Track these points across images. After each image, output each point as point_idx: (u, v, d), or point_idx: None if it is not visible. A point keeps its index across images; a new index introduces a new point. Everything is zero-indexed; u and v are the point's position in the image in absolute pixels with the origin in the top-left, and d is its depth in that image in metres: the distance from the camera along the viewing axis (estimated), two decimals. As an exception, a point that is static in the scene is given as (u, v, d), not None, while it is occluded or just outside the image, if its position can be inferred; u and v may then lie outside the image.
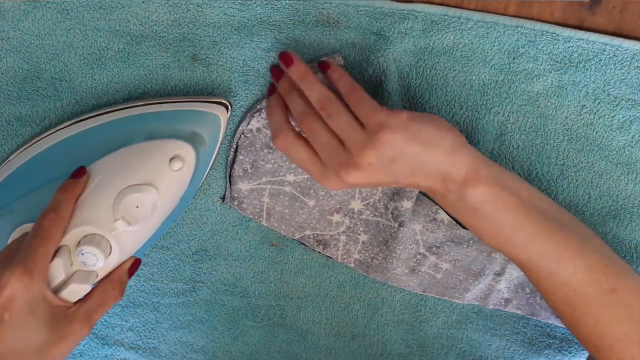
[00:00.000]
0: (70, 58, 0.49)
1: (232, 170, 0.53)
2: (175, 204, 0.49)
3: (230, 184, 0.54)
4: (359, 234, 0.55)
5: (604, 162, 0.50)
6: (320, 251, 0.56)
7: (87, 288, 0.44)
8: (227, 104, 0.49)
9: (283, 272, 0.58)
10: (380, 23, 0.47)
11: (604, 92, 0.48)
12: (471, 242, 0.54)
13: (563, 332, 0.58)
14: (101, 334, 0.60)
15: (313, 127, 0.45)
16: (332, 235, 0.55)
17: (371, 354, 0.60)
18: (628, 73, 0.47)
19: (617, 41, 0.46)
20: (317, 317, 0.59)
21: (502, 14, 0.47)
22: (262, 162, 0.53)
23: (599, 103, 0.48)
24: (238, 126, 0.51)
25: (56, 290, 0.43)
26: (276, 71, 0.48)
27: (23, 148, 0.51)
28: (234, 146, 0.52)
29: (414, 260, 0.55)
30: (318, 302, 0.59)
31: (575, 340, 0.58)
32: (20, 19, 0.48)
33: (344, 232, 0.55)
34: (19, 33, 0.48)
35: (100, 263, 0.44)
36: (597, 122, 0.49)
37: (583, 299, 0.46)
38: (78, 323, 0.43)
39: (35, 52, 0.49)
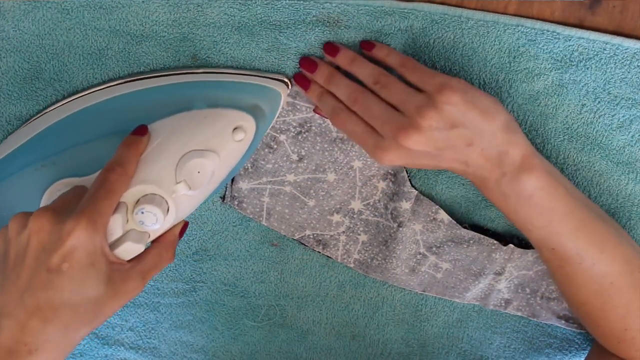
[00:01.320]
0: (71, 58, 0.49)
1: (233, 170, 0.53)
2: (228, 174, 0.48)
3: (230, 183, 0.53)
4: (359, 234, 0.55)
5: (604, 161, 0.50)
6: (320, 251, 0.56)
7: (140, 248, 0.43)
8: (288, 82, 0.49)
9: (283, 272, 0.58)
10: (380, 22, 0.47)
11: (604, 91, 0.48)
12: (471, 242, 0.54)
13: (564, 331, 0.58)
14: (101, 334, 0.60)
15: (366, 102, 0.45)
16: (332, 235, 0.55)
17: (371, 354, 0.60)
18: (628, 72, 0.47)
19: (617, 40, 0.46)
20: (317, 316, 0.59)
21: (502, 13, 0.47)
22: (262, 162, 0.52)
23: (599, 102, 0.48)
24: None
25: (111, 247, 0.42)
26: (308, 64, 0.48)
27: (75, 97, 0.50)
28: (235, 145, 0.52)
29: (414, 260, 0.55)
30: (318, 301, 0.59)
31: (576, 340, 0.58)
32: (20, 18, 0.48)
33: (343, 232, 0.55)
34: (19, 33, 0.48)
35: (158, 224, 0.44)
36: (597, 121, 0.49)
37: (617, 291, 0.46)
38: (134, 282, 0.42)
39: (36, 52, 0.49)
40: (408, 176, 0.52)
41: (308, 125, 0.51)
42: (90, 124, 0.48)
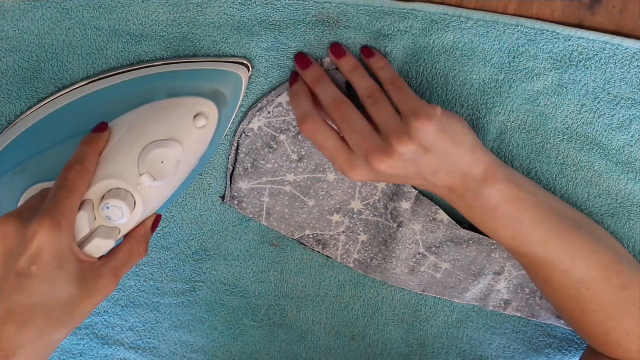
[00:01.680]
0: (70, 57, 0.49)
1: (233, 169, 0.53)
2: (196, 162, 0.48)
3: (230, 182, 0.53)
4: (359, 234, 0.55)
5: (603, 161, 0.50)
6: (320, 251, 0.56)
7: (111, 244, 0.43)
8: (248, 64, 0.49)
9: (283, 272, 0.58)
10: (380, 22, 0.47)
11: (604, 91, 0.48)
12: (471, 242, 0.54)
13: (563, 331, 0.58)
14: (101, 334, 0.60)
15: (347, 113, 0.45)
16: (331, 235, 0.55)
17: (371, 354, 0.60)
18: (628, 72, 0.47)
19: (617, 40, 0.46)
20: (317, 317, 0.59)
21: (502, 13, 0.47)
22: (262, 162, 0.52)
23: (599, 102, 0.48)
24: (239, 125, 0.51)
25: (80, 246, 0.42)
26: (302, 60, 0.48)
27: (38, 106, 0.50)
28: (235, 145, 0.52)
29: (414, 260, 0.55)
30: (318, 302, 0.59)
31: (576, 340, 0.58)
32: (20, 18, 0.48)
33: (343, 232, 0.55)
34: (19, 32, 0.48)
35: (125, 218, 0.43)
36: (597, 121, 0.49)
37: (594, 297, 0.46)
38: (106, 279, 0.41)
39: (35, 52, 0.49)
40: (408, 176, 0.52)
41: (308, 125, 0.51)
42: (56, 128, 0.48)
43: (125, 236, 0.45)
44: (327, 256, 0.56)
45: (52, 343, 0.40)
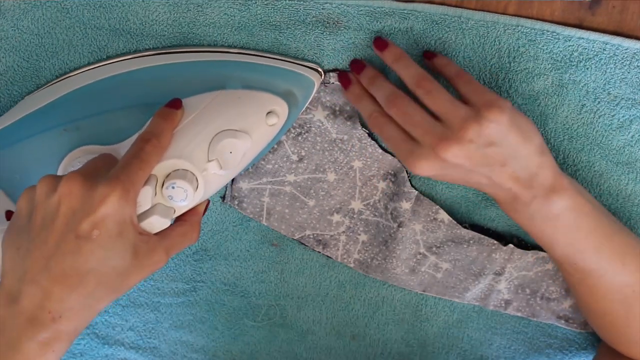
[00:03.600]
0: (70, 56, 0.49)
1: (233, 170, 0.53)
2: (253, 159, 0.48)
3: (231, 182, 0.53)
4: (359, 234, 0.55)
5: (603, 162, 0.50)
6: (320, 251, 0.56)
7: (166, 223, 0.42)
8: (322, 71, 0.49)
9: (283, 272, 0.58)
10: (380, 23, 0.47)
11: (604, 91, 0.48)
12: (471, 241, 0.54)
13: (564, 331, 0.58)
14: (101, 334, 0.60)
15: (405, 107, 0.44)
16: (332, 235, 0.55)
17: (372, 354, 0.60)
18: (628, 72, 0.47)
19: (617, 40, 0.46)
20: (317, 316, 0.59)
21: (502, 14, 0.47)
22: (262, 162, 0.52)
23: (599, 102, 0.48)
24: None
25: (138, 218, 0.41)
26: (357, 65, 0.48)
27: (105, 62, 0.49)
28: (235, 145, 0.52)
29: (414, 260, 0.55)
30: (318, 301, 0.59)
31: (576, 340, 0.58)
32: (19, 17, 0.48)
33: (343, 232, 0.55)
34: (19, 32, 0.48)
35: (187, 200, 0.43)
36: (597, 121, 0.49)
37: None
38: (159, 255, 0.41)
39: (35, 51, 0.49)
40: (408, 176, 0.52)
41: (308, 126, 0.51)
42: (118, 93, 0.47)
43: (178, 218, 0.45)
44: (327, 256, 0.56)
45: (97, 309, 0.39)
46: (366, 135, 0.51)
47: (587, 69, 0.47)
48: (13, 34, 0.48)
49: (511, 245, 0.53)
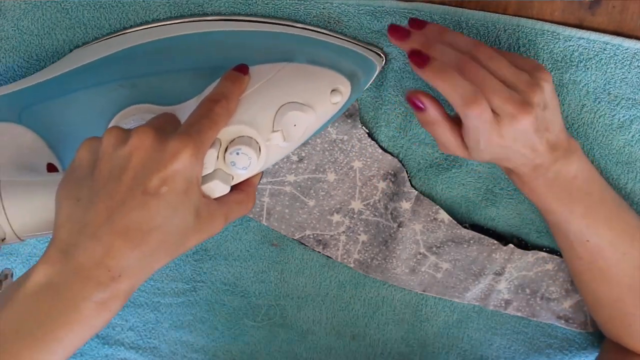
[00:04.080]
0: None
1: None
2: (313, 134, 0.47)
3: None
4: (359, 234, 0.55)
5: (603, 161, 0.50)
6: (320, 251, 0.56)
7: (226, 189, 0.41)
8: (384, 56, 0.48)
9: (283, 272, 0.58)
10: (381, 22, 0.47)
11: (604, 91, 0.48)
12: (471, 241, 0.54)
13: (564, 331, 0.58)
14: (101, 334, 0.60)
15: (480, 73, 0.41)
16: (332, 235, 0.55)
17: (372, 354, 0.60)
18: (628, 72, 0.47)
19: (617, 40, 0.46)
20: (317, 316, 0.59)
21: (502, 14, 0.47)
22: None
23: (599, 102, 0.48)
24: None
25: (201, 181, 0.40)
26: (417, 23, 0.44)
27: (163, 23, 0.48)
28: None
29: (414, 260, 0.55)
30: (318, 301, 0.59)
31: (576, 340, 0.58)
32: (20, 18, 0.48)
33: (343, 232, 0.55)
34: (19, 32, 0.48)
35: (248, 168, 0.42)
36: (597, 121, 0.49)
37: None
38: (218, 220, 0.40)
39: (35, 51, 0.49)
40: (408, 176, 0.53)
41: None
42: (180, 54, 0.46)
43: (234, 187, 0.43)
44: (327, 256, 0.56)
45: (155, 269, 0.38)
46: (366, 135, 0.51)
47: (588, 69, 0.47)
48: (13, 34, 0.48)
49: (511, 245, 0.53)
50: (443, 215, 0.53)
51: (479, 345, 0.59)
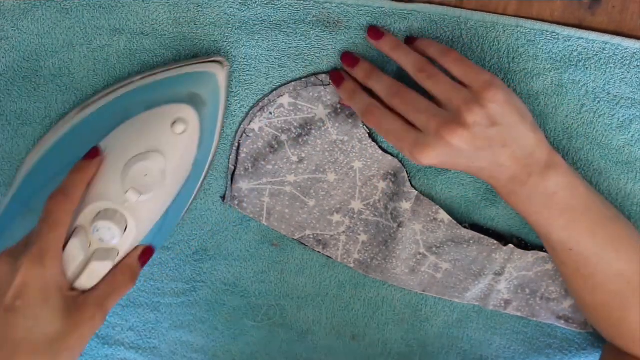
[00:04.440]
0: (70, 56, 0.49)
1: (234, 169, 0.53)
2: (187, 170, 0.47)
3: (231, 182, 0.53)
4: (359, 234, 0.55)
5: (603, 161, 0.50)
6: (320, 251, 0.56)
7: (109, 265, 0.43)
8: (222, 60, 0.48)
9: (283, 272, 0.58)
10: (380, 23, 0.47)
11: (603, 91, 0.48)
12: (471, 241, 0.54)
13: (564, 332, 0.58)
14: (101, 334, 0.60)
15: (407, 96, 0.43)
16: (332, 235, 0.55)
17: (371, 354, 0.60)
18: (628, 72, 0.47)
19: (617, 40, 0.46)
20: (317, 316, 0.59)
21: (501, 14, 0.47)
22: (262, 163, 0.52)
23: (599, 102, 0.48)
24: (240, 125, 0.51)
25: (77, 273, 0.42)
26: (350, 59, 0.47)
27: (33, 151, 0.51)
28: (236, 145, 0.52)
29: (414, 260, 0.55)
30: (318, 301, 0.59)
31: (576, 340, 0.58)
32: (19, 18, 0.48)
33: (344, 232, 0.55)
34: (19, 32, 0.48)
35: (117, 238, 0.43)
36: (597, 121, 0.49)
37: (636, 290, 0.46)
38: (90, 310, 0.41)
39: (35, 51, 0.49)
40: (408, 176, 0.53)
41: (309, 127, 0.51)
42: (51, 164, 0.49)
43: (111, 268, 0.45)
44: (327, 256, 0.56)
45: None
46: (367, 135, 0.51)
47: (587, 68, 0.47)
48: (13, 34, 0.48)
49: (511, 246, 0.53)
50: (443, 215, 0.53)
51: (479, 345, 0.59)
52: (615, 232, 0.46)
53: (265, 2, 0.47)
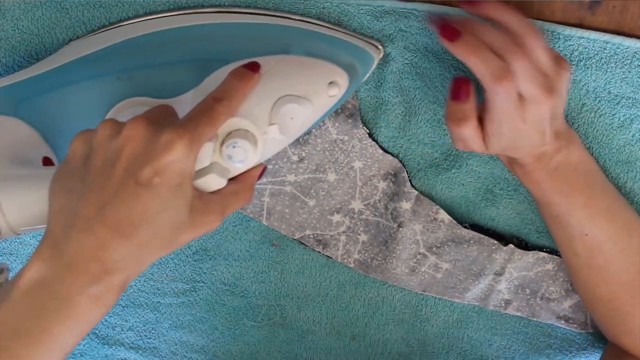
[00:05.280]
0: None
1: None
2: (307, 129, 0.47)
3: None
4: (359, 234, 0.55)
5: (603, 160, 0.50)
6: (320, 251, 0.56)
7: (223, 182, 0.41)
8: (382, 49, 0.48)
9: (283, 272, 0.58)
10: (381, 22, 0.47)
11: (604, 90, 0.48)
12: (472, 241, 0.54)
13: (564, 332, 0.58)
14: (101, 334, 0.60)
15: (515, 54, 0.41)
16: (332, 235, 0.55)
17: (372, 354, 0.60)
18: (629, 72, 0.47)
19: (617, 39, 0.46)
20: (317, 316, 0.59)
21: (502, 14, 0.47)
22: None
23: (599, 101, 0.48)
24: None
25: (196, 176, 0.40)
26: (449, 30, 0.42)
27: (158, 15, 0.47)
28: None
29: (414, 260, 0.55)
30: (318, 301, 0.58)
31: (576, 340, 0.58)
32: (19, 17, 0.48)
33: (344, 232, 0.55)
34: (18, 32, 0.48)
35: (246, 161, 0.42)
36: (597, 120, 0.49)
37: None
38: (213, 214, 0.39)
39: (35, 51, 0.49)
40: (408, 176, 0.52)
41: (308, 126, 0.51)
42: (177, 46, 0.45)
43: (232, 179, 0.43)
44: (328, 256, 0.56)
45: (148, 263, 0.37)
46: (367, 135, 0.51)
47: (588, 68, 0.47)
48: (13, 34, 0.48)
49: (511, 246, 0.53)
50: (443, 215, 0.53)
51: (479, 345, 0.59)
52: (628, 216, 0.48)
53: (266, 2, 0.47)
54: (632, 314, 0.49)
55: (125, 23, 0.47)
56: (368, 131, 0.51)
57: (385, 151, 0.52)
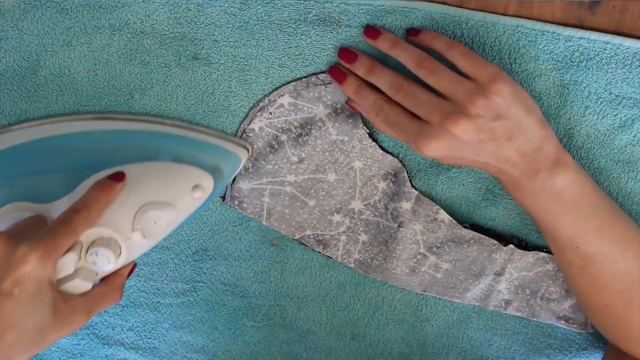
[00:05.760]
0: (70, 56, 0.49)
1: (233, 169, 0.53)
2: (178, 226, 0.50)
3: (231, 182, 0.53)
4: (359, 234, 0.55)
5: (604, 160, 0.50)
6: (320, 251, 0.56)
7: (88, 286, 0.44)
8: (250, 148, 0.51)
9: (283, 272, 0.58)
10: (381, 21, 0.47)
11: (605, 91, 0.48)
12: (472, 241, 0.54)
13: (564, 332, 0.58)
14: (101, 334, 0.60)
15: (410, 90, 0.44)
16: (332, 235, 0.55)
17: (372, 354, 0.60)
18: (630, 72, 0.47)
19: (618, 40, 0.46)
20: (317, 316, 0.59)
21: (502, 14, 0.47)
22: (262, 162, 0.52)
23: (600, 102, 0.48)
24: (240, 125, 0.51)
25: (60, 282, 0.43)
26: (348, 55, 0.47)
27: (42, 122, 0.50)
28: (236, 145, 0.52)
29: (414, 260, 0.55)
30: (318, 301, 0.59)
31: (576, 340, 0.58)
32: (19, 18, 0.48)
33: (344, 232, 0.55)
34: (18, 32, 0.48)
35: (110, 266, 0.45)
36: (599, 120, 0.49)
37: None
38: (79, 315, 0.43)
39: (35, 51, 0.49)
40: (408, 176, 0.52)
41: (309, 127, 0.51)
42: (56, 154, 0.49)
43: (102, 279, 0.46)
44: (328, 256, 0.56)
45: None
46: (367, 135, 0.51)
47: (589, 69, 0.47)
48: (13, 34, 0.48)
49: (511, 246, 0.53)
50: (443, 215, 0.53)
51: (479, 345, 0.59)
52: (621, 230, 0.47)
53: (266, 2, 0.47)
54: (628, 319, 0.48)
55: (10, 128, 0.50)
56: (368, 131, 0.51)
57: (385, 151, 0.52)
